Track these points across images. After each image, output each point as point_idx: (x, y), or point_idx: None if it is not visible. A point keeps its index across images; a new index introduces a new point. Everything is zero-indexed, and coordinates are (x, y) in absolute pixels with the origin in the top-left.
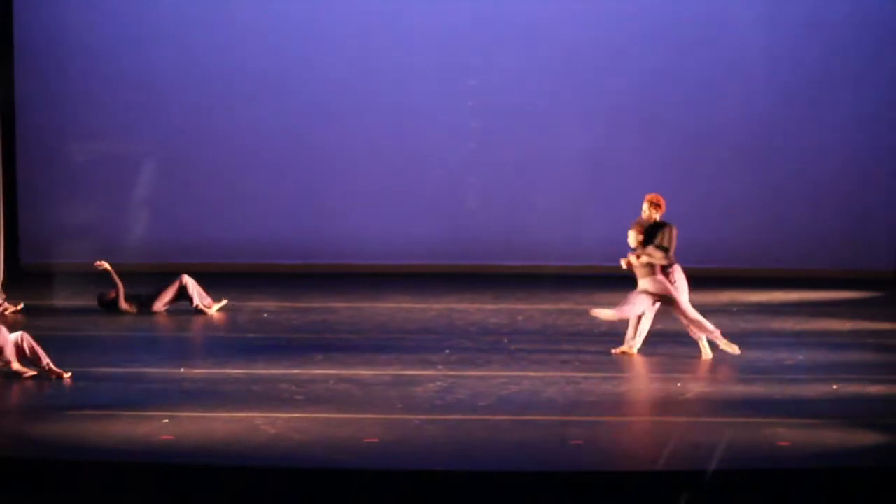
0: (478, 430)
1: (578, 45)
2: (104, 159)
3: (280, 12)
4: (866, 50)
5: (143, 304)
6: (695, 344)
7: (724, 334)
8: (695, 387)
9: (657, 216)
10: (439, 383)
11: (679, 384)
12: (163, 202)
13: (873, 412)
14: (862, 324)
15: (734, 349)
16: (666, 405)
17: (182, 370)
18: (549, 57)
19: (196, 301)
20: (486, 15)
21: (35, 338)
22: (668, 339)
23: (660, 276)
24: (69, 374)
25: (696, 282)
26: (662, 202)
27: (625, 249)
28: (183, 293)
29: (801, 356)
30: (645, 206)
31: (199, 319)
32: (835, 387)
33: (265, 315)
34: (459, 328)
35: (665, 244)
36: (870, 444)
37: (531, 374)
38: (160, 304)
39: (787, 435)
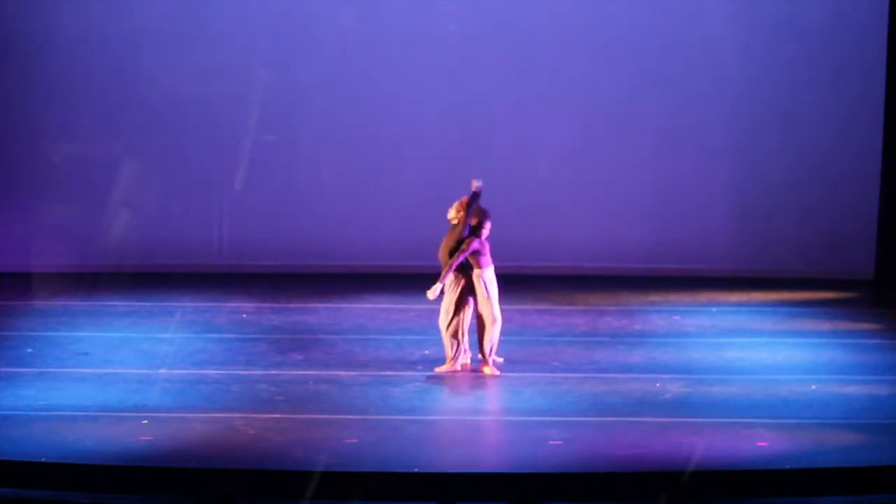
0: (457, 431)
1: (557, 47)
2: (80, 160)
3: (259, 12)
4: (843, 51)
5: None
6: (674, 345)
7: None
8: (674, 387)
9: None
10: (419, 384)
11: (658, 384)
12: (140, 203)
13: (851, 412)
14: (840, 324)
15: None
16: (645, 405)
17: (161, 371)
18: (528, 58)
19: None
20: (466, 17)
21: None
22: (647, 339)
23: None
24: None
25: (675, 282)
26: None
27: (604, 250)
28: None
29: (780, 356)
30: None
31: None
32: (813, 387)
33: (244, 315)
34: (438, 329)
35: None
36: (848, 444)
37: (510, 374)
38: None
39: (766, 435)
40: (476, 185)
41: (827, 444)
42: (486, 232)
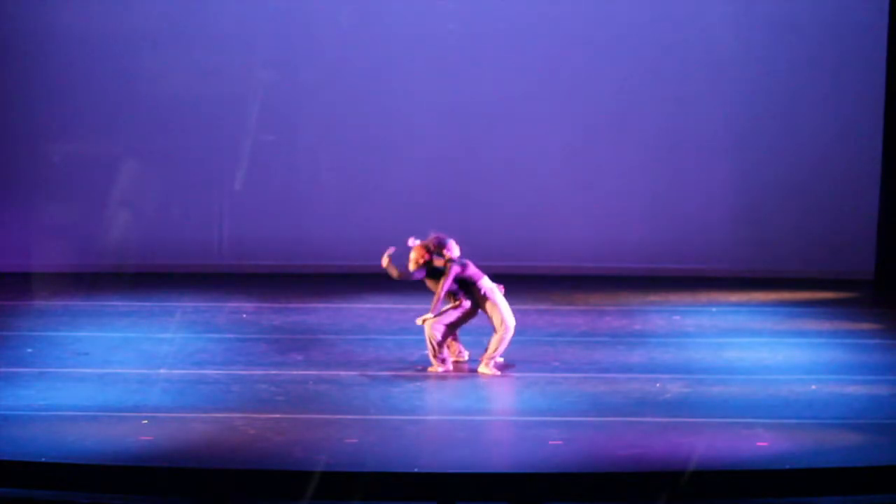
0: (457, 431)
1: (557, 47)
2: (80, 160)
3: (259, 12)
4: (843, 51)
5: None
6: (674, 345)
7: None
8: (674, 387)
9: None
10: (418, 384)
11: (658, 384)
12: (140, 203)
13: (851, 412)
14: (840, 324)
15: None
16: (645, 405)
17: (161, 371)
18: (528, 58)
19: None
20: (465, 16)
21: None
22: (647, 339)
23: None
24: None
25: (675, 282)
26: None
27: (604, 250)
28: None
29: (780, 356)
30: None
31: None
32: (813, 387)
33: (244, 315)
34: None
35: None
36: (848, 444)
37: (511, 374)
38: None
39: (766, 435)
40: (410, 243)
41: (827, 444)
42: (456, 251)
